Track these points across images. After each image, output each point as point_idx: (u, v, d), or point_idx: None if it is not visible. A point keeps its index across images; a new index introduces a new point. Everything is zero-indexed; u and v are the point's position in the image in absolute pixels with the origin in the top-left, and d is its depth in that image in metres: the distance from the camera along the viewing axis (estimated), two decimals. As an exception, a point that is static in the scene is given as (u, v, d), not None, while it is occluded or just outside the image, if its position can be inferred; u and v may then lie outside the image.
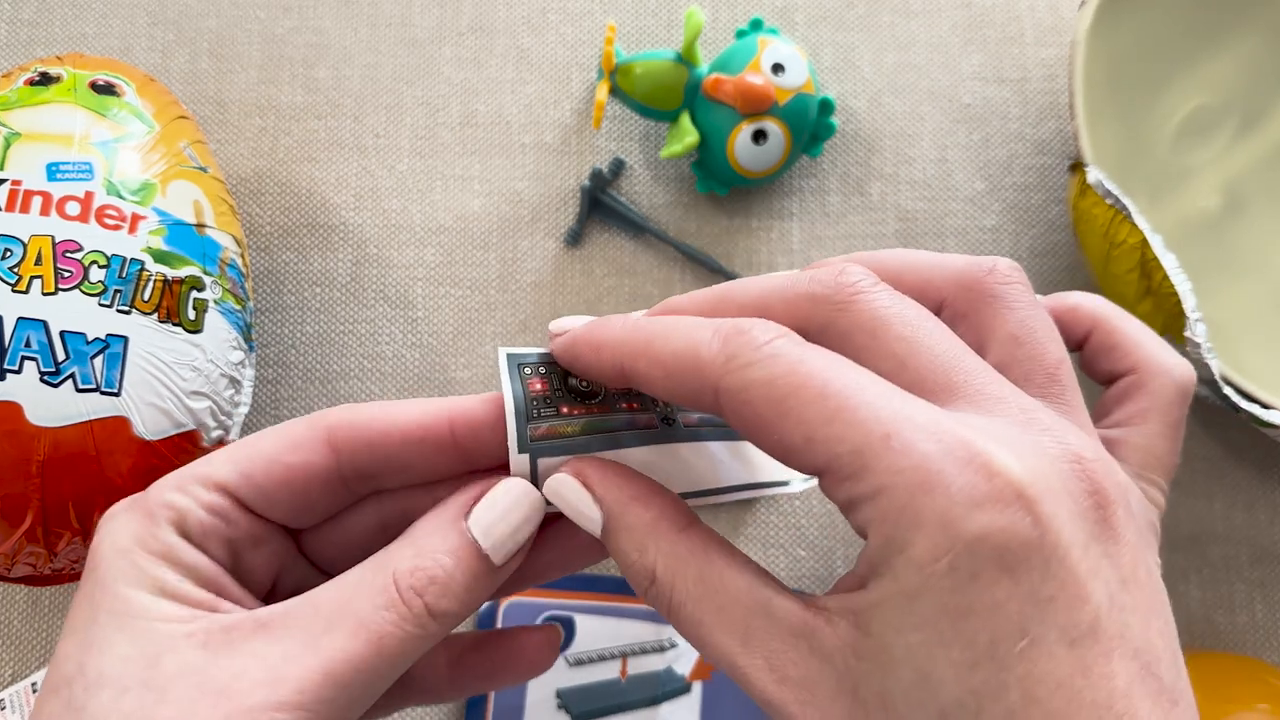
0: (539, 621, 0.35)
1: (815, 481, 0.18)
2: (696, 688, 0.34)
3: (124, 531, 0.20)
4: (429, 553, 0.20)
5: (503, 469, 0.21)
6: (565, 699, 0.35)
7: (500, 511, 0.20)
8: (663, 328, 0.19)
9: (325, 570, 0.23)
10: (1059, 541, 0.15)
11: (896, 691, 0.16)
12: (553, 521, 0.22)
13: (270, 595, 0.22)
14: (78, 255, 0.30)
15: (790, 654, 0.17)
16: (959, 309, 0.20)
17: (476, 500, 0.21)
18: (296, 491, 0.21)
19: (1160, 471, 0.23)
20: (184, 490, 0.21)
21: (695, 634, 0.18)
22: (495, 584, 0.21)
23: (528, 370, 0.22)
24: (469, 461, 0.22)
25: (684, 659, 0.35)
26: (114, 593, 0.19)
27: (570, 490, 0.20)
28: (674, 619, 0.19)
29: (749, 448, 0.23)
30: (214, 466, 0.21)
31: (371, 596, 0.19)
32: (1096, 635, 0.15)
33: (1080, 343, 0.24)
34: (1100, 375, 0.24)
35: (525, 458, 0.21)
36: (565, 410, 0.21)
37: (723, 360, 0.18)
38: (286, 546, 0.22)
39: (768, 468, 0.23)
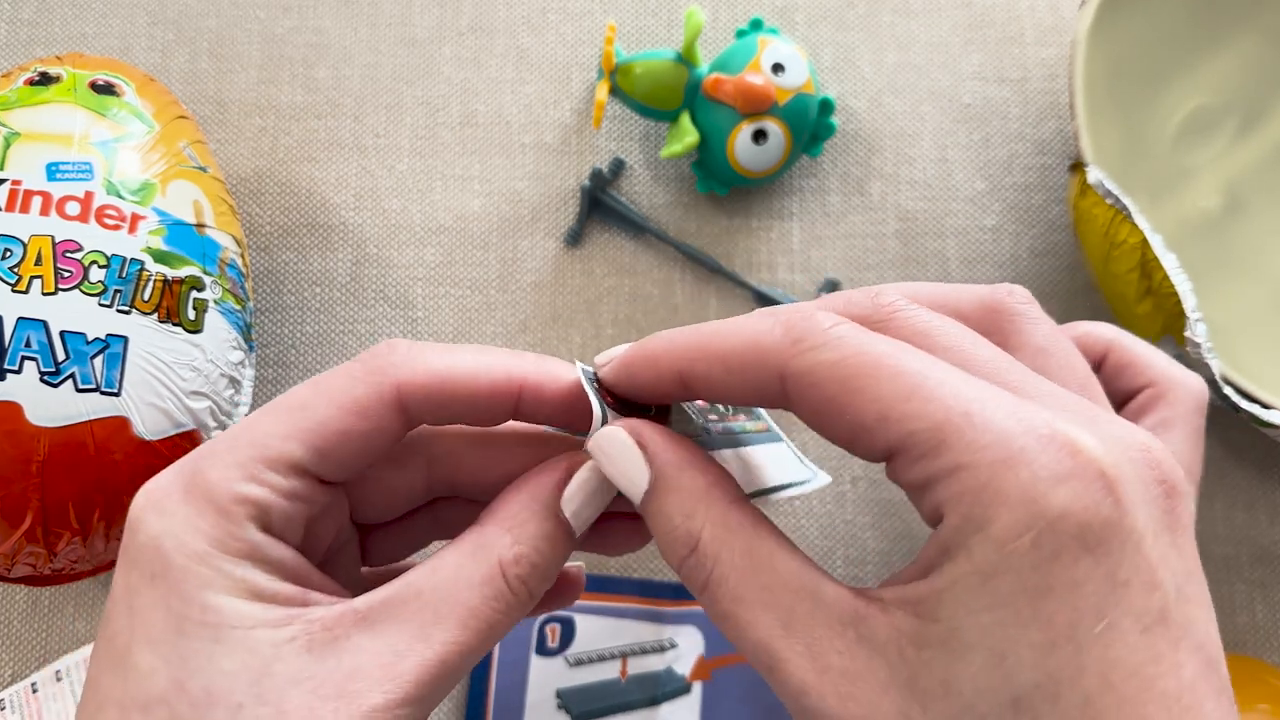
0: (539, 621, 0.35)
1: (828, 479, 0.18)
2: (696, 688, 0.34)
3: (193, 532, 0.19)
4: (528, 539, 0.20)
5: (560, 440, 0.21)
6: (565, 699, 0.35)
7: (589, 493, 0.21)
8: (718, 326, 0.19)
9: (364, 523, 0.22)
10: (1135, 525, 0.15)
11: (964, 677, 0.15)
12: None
13: (326, 555, 0.22)
14: (78, 255, 0.30)
15: (836, 642, 0.17)
16: (983, 328, 0.20)
17: (564, 481, 0.21)
18: (367, 456, 0.21)
19: (1188, 479, 0.24)
20: (257, 479, 0.19)
21: (732, 611, 0.18)
22: (570, 553, 0.21)
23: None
24: (524, 418, 0.22)
25: (684, 659, 0.35)
26: (201, 602, 0.18)
27: (621, 446, 0.20)
28: (709, 593, 0.18)
29: (767, 451, 0.23)
30: (282, 444, 0.20)
31: (479, 586, 0.19)
32: (1166, 624, 0.15)
33: (1096, 365, 0.25)
34: (1118, 394, 0.25)
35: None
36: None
37: (789, 344, 0.18)
38: (344, 506, 0.22)
39: (788, 469, 0.23)
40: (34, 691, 0.35)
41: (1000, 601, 0.15)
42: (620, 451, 0.20)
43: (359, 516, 0.22)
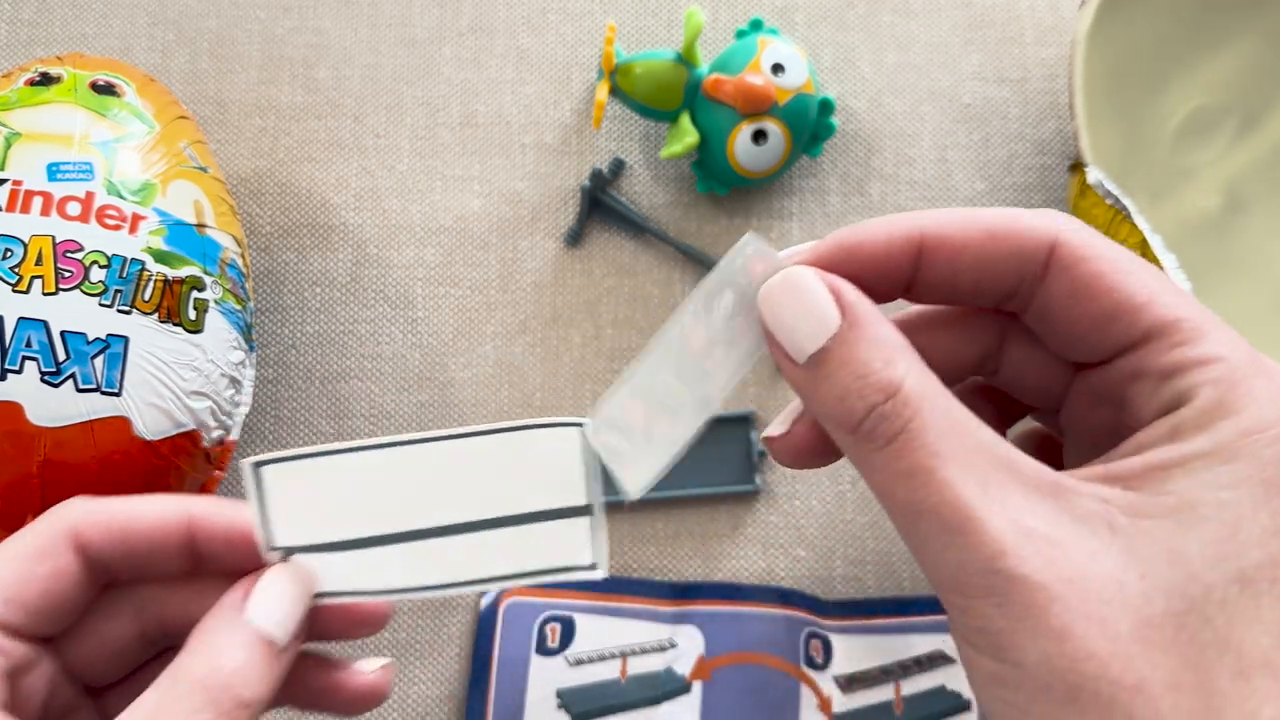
0: (540, 621, 0.35)
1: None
2: (696, 687, 0.35)
3: None
4: (221, 650, 0.19)
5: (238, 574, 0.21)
6: (565, 699, 0.35)
7: (274, 596, 0.20)
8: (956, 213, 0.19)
9: (89, 684, 0.22)
10: None
11: (1194, 548, 0.16)
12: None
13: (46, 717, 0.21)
14: (78, 255, 0.30)
15: (1037, 509, 0.16)
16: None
17: (248, 592, 0.20)
18: (58, 601, 0.20)
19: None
20: None
21: (927, 465, 0.17)
22: (287, 662, 0.20)
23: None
24: (202, 563, 0.22)
25: (684, 659, 0.35)
26: None
27: (808, 282, 0.19)
28: (902, 444, 0.17)
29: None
30: None
31: (177, 705, 0.19)
32: None
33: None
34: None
35: (277, 554, 0.21)
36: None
37: (1063, 220, 0.19)
38: (55, 664, 0.21)
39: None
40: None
41: (1239, 482, 0.16)
42: (810, 289, 0.19)
43: (87, 678, 0.22)
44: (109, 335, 0.29)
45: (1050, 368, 0.21)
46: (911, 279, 0.20)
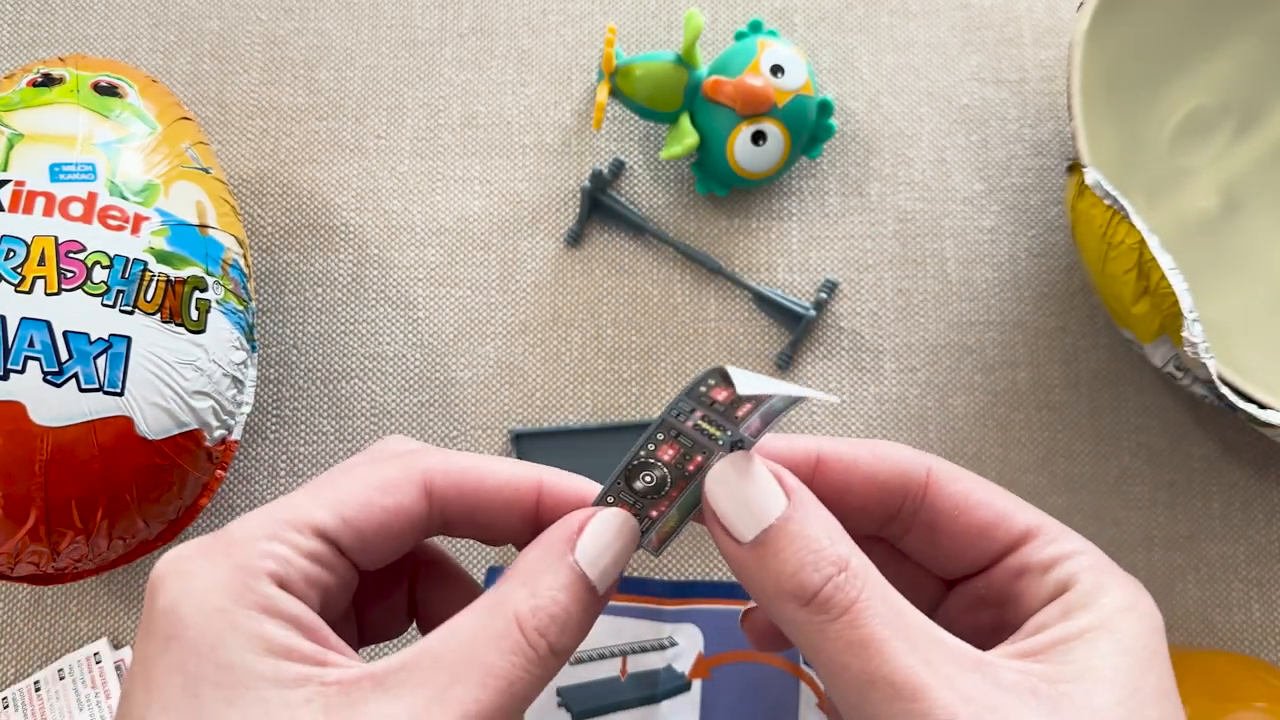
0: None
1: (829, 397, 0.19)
2: (696, 686, 0.35)
3: (212, 587, 0.18)
4: (545, 591, 0.19)
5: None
6: (565, 697, 0.35)
7: (605, 542, 0.20)
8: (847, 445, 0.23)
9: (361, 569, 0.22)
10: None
11: (1107, 705, 0.18)
12: None
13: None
14: (81, 256, 0.30)
15: (969, 680, 0.18)
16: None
17: (579, 532, 0.20)
18: (390, 536, 0.21)
19: None
20: (280, 538, 0.19)
21: (879, 637, 0.18)
22: (598, 614, 0.21)
23: (609, 504, 0.22)
24: (538, 532, 0.22)
25: (684, 657, 0.35)
26: (215, 660, 0.17)
27: (757, 466, 0.20)
28: (854, 615, 0.18)
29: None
30: (308, 511, 0.20)
31: (496, 642, 0.19)
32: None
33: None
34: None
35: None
36: (654, 513, 0.22)
37: (927, 456, 0.22)
38: (352, 588, 0.21)
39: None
40: (36, 690, 0.36)
41: (1126, 649, 0.19)
42: (756, 471, 0.20)
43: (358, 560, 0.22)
44: (111, 335, 0.30)
45: (916, 584, 0.24)
46: (809, 478, 0.22)
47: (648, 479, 0.22)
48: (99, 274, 0.30)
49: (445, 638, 0.19)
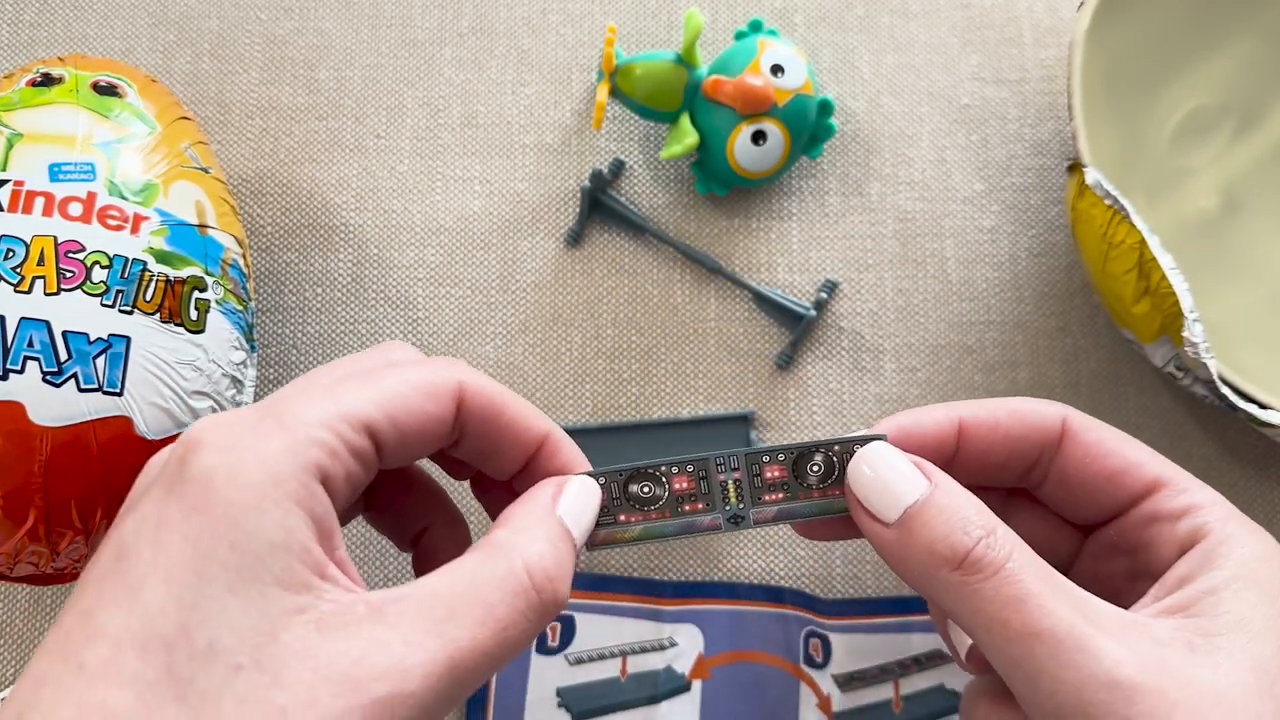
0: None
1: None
2: (696, 686, 0.35)
3: (254, 466, 0.17)
4: (537, 539, 0.20)
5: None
6: (565, 698, 0.35)
7: (583, 505, 0.22)
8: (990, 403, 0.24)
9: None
10: None
11: (1267, 655, 0.19)
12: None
13: None
14: (80, 256, 0.30)
15: (1129, 633, 0.19)
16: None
17: (558, 493, 0.21)
18: (423, 440, 0.21)
19: None
20: (333, 429, 0.19)
21: (1036, 591, 0.19)
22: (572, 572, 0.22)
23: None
24: (531, 480, 0.23)
25: (684, 658, 0.35)
26: (232, 540, 0.17)
27: (895, 455, 0.22)
28: (1008, 572, 0.19)
29: None
30: (363, 406, 0.19)
31: (499, 583, 0.19)
32: None
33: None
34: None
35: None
36: (623, 518, 0.23)
37: (1061, 406, 0.23)
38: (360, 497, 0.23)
39: None
40: (36, 690, 0.36)
41: (1272, 599, 0.19)
42: (896, 459, 0.22)
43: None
44: (111, 335, 0.30)
45: (1054, 536, 0.25)
46: (953, 457, 0.23)
47: (645, 490, 0.22)
48: (98, 274, 0.30)
49: (445, 575, 0.19)
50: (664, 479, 0.22)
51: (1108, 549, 0.24)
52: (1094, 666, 0.18)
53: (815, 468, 0.22)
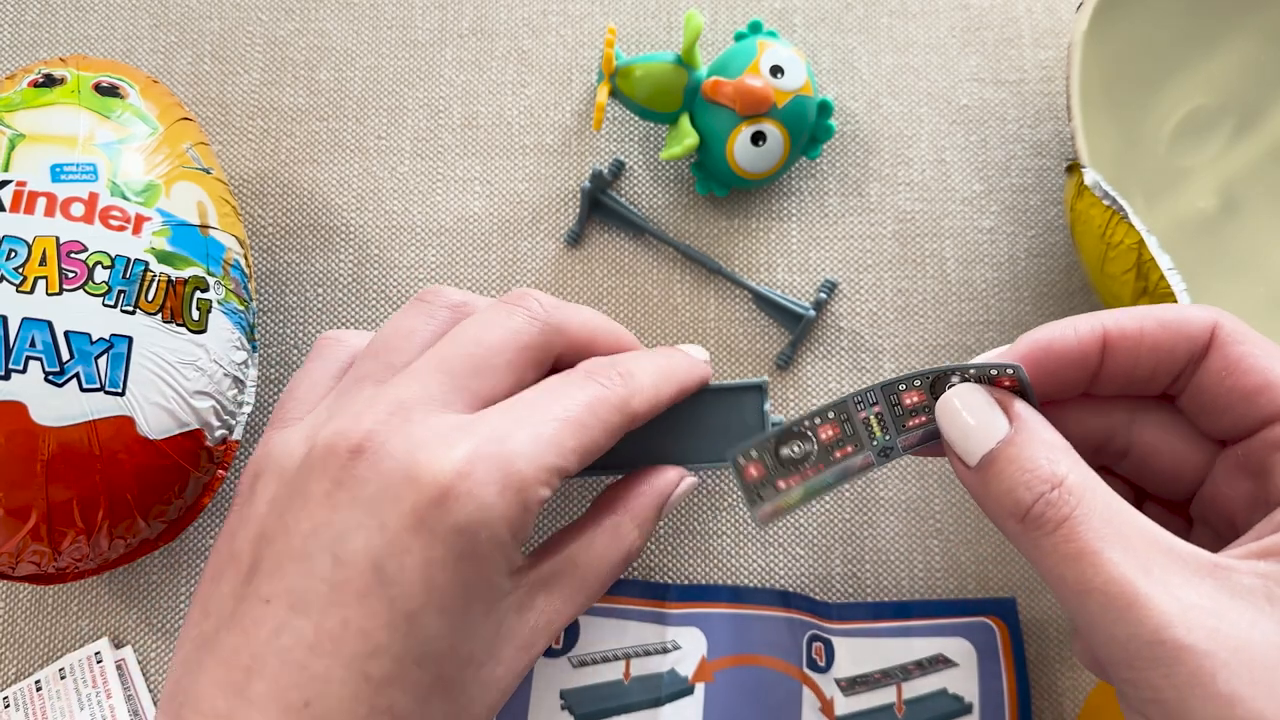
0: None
1: None
2: (699, 689, 0.35)
3: (504, 526, 0.22)
4: (645, 532, 0.27)
5: None
6: (568, 700, 0.35)
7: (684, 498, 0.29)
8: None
9: None
10: None
11: None
12: None
13: None
14: (82, 256, 0.30)
15: (1196, 588, 0.18)
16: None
17: (672, 488, 0.28)
18: (593, 456, 0.25)
19: None
20: (549, 484, 0.23)
21: (1093, 548, 0.19)
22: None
23: (741, 460, 0.23)
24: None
25: (687, 661, 0.35)
26: (488, 581, 0.22)
27: (977, 398, 0.21)
28: (1069, 529, 0.19)
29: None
30: (568, 457, 0.24)
31: (613, 566, 0.26)
32: None
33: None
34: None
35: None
36: (782, 485, 0.23)
37: (1216, 311, 0.22)
38: None
39: None
40: (38, 690, 0.36)
41: None
42: (978, 401, 0.22)
43: None
44: (113, 335, 0.30)
45: (1186, 448, 0.24)
46: (1097, 371, 0.22)
47: (796, 450, 0.23)
48: (100, 274, 0.30)
49: (583, 550, 0.25)
50: (810, 432, 0.22)
51: (1237, 468, 0.23)
52: (1140, 625, 0.17)
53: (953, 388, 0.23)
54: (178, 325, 0.31)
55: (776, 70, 0.37)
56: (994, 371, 0.22)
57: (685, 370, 0.28)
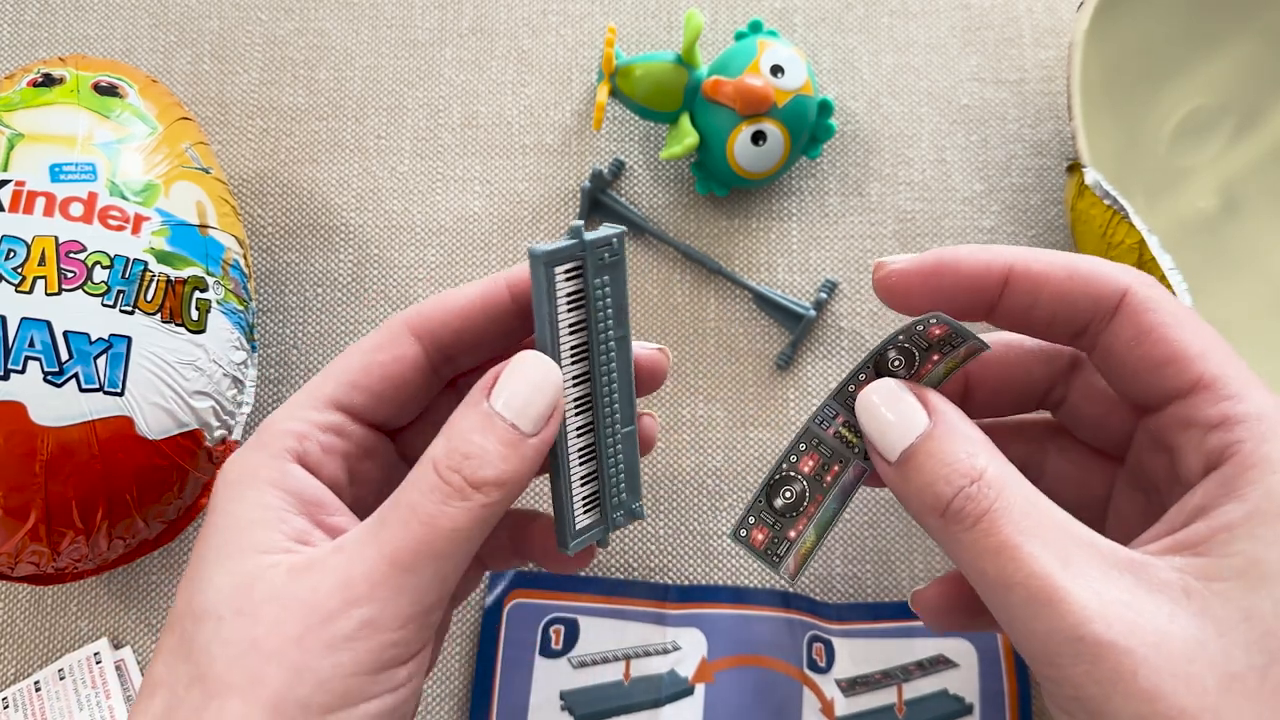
0: (544, 622, 0.35)
1: None
2: (699, 690, 0.35)
3: (237, 466, 0.22)
4: (458, 434, 0.21)
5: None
6: (569, 700, 0.35)
7: (515, 380, 0.21)
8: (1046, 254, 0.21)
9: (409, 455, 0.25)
10: None
11: (1267, 605, 0.17)
12: None
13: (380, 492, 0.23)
14: (81, 256, 0.30)
15: (1115, 582, 0.17)
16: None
17: (490, 382, 0.22)
18: (399, 385, 0.23)
19: None
20: (296, 417, 0.22)
21: (1013, 542, 0.18)
22: (534, 451, 0.21)
23: (743, 533, 0.23)
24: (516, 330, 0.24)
25: (687, 661, 0.35)
26: (225, 529, 0.21)
27: (895, 394, 0.21)
28: (989, 522, 0.19)
29: None
30: (319, 387, 0.23)
31: (417, 485, 0.21)
32: None
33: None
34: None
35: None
36: (792, 534, 0.23)
37: (1135, 274, 0.20)
38: (391, 453, 0.24)
39: None
40: (37, 690, 0.36)
41: None
42: (900, 396, 0.21)
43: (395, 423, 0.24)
44: (112, 335, 0.30)
45: (1114, 406, 0.23)
46: (995, 303, 0.22)
47: (788, 495, 0.23)
48: (99, 274, 0.30)
49: (390, 497, 0.21)
50: (792, 472, 0.22)
51: (1153, 441, 0.22)
52: (1061, 621, 0.17)
53: (897, 363, 0.22)
54: (177, 325, 0.31)
55: (777, 70, 0.37)
56: (920, 327, 0.21)
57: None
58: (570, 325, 0.22)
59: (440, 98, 0.41)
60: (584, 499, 0.24)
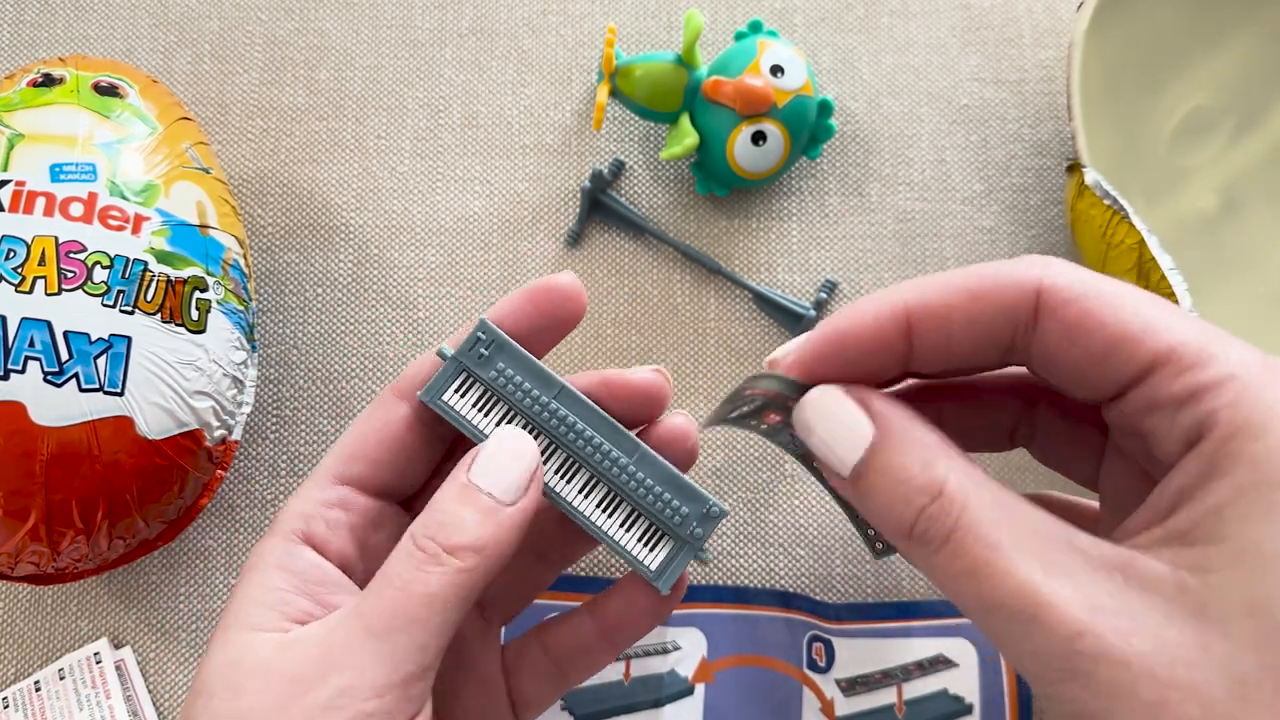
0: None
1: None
2: (699, 690, 0.35)
3: (254, 551, 0.23)
4: (437, 505, 0.22)
5: None
6: (569, 700, 0.35)
7: (490, 453, 0.22)
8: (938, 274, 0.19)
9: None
10: None
11: (1270, 592, 0.15)
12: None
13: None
14: (81, 256, 0.30)
15: (1103, 585, 0.16)
16: None
17: (470, 461, 0.23)
18: (393, 447, 0.24)
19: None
20: (303, 496, 0.23)
21: (986, 558, 0.16)
22: (511, 520, 0.22)
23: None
24: None
25: (687, 661, 0.35)
26: (228, 611, 0.22)
27: (834, 401, 0.19)
28: (956, 541, 0.17)
29: None
30: (324, 464, 0.24)
31: (396, 554, 0.22)
32: None
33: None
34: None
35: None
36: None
37: (1041, 265, 0.18)
38: (404, 523, 0.24)
39: None
40: (37, 690, 0.36)
41: None
42: (835, 405, 0.19)
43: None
44: (112, 335, 0.30)
45: (1079, 430, 0.22)
46: (908, 354, 0.20)
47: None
48: (99, 274, 0.30)
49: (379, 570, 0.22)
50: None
51: (1124, 431, 0.19)
52: (1049, 638, 0.16)
53: (775, 417, 0.21)
54: (177, 325, 0.31)
55: (777, 70, 0.37)
56: (747, 391, 0.20)
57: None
58: (499, 418, 0.24)
59: (440, 98, 0.41)
60: (641, 539, 0.24)
